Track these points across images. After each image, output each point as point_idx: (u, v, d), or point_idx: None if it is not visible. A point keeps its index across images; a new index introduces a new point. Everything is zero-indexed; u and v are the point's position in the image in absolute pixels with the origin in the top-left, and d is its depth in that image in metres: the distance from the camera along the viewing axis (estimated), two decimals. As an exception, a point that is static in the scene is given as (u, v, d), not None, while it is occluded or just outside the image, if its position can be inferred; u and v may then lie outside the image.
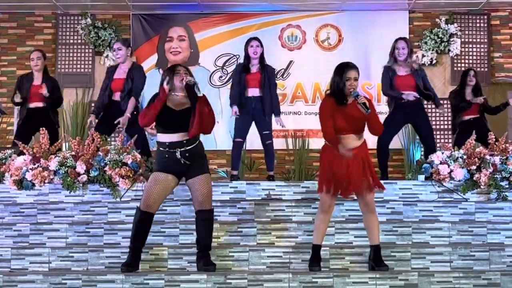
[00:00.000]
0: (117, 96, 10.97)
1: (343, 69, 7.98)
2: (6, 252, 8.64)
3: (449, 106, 13.22)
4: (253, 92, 11.18)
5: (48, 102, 11.44)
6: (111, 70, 11.36)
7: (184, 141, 8.02)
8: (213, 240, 8.44)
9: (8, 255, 8.62)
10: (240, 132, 11.29)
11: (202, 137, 8.28)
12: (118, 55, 11.18)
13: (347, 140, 7.95)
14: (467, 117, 12.02)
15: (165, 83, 8.04)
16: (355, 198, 8.23)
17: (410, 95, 10.64)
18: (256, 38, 11.46)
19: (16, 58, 16.12)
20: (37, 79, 11.53)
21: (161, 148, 8.08)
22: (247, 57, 11.33)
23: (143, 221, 8.04)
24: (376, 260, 8.13)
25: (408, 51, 10.95)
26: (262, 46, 11.36)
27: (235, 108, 11.16)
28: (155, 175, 8.07)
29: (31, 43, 15.99)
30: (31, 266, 8.51)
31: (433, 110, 15.23)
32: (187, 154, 8.01)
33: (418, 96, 10.77)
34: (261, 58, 11.33)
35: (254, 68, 11.28)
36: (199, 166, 8.12)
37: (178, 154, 7.99)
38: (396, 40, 11.04)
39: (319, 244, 8.19)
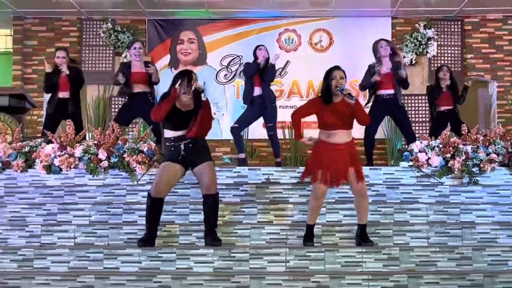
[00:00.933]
0: (138, 88, 10.95)
1: (329, 72, 8.06)
2: (37, 228, 8.64)
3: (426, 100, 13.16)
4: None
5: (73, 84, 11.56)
6: (127, 65, 11.34)
7: (188, 138, 8.12)
8: (219, 218, 8.46)
9: (39, 231, 8.61)
10: (242, 120, 11.41)
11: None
12: (138, 53, 11.18)
13: (337, 135, 7.97)
14: (442, 108, 11.95)
15: (179, 86, 8.05)
16: (344, 183, 8.24)
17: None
18: (261, 45, 11.58)
19: (46, 58, 16.07)
20: (64, 72, 11.55)
21: (167, 143, 8.16)
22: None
23: (154, 206, 8.11)
24: (362, 237, 8.16)
25: (390, 47, 10.91)
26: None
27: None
28: (164, 165, 8.13)
29: (59, 44, 15.92)
30: (59, 241, 8.51)
31: (413, 104, 15.31)
32: (190, 145, 8.08)
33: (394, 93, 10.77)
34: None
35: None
36: (203, 156, 8.17)
37: (182, 146, 8.05)
38: (376, 42, 11.02)
39: (312, 224, 8.20)
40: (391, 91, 10.75)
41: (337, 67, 8.10)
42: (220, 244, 8.07)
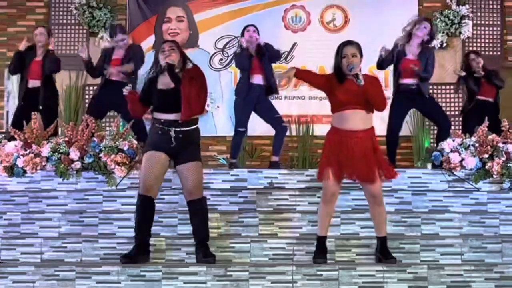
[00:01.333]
0: (114, 76, 11.01)
1: (340, 48, 8.08)
2: (-4, 242, 8.67)
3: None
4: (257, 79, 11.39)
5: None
6: (109, 52, 11.40)
7: (180, 121, 8.05)
8: (213, 230, 8.51)
9: (-2, 246, 8.64)
10: (243, 120, 11.50)
11: (202, 122, 8.30)
12: (124, 45, 11.30)
13: (352, 117, 7.90)
14: (482, 98, 11.98)
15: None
16: (360, 186, 8.24)
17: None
18: (251, 25, 11.72)
19: (7, 39, 16.11)
20: (39, 56, 11.58)
21: (156, 124, 8.11)
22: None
23: (145, 207, 8.07)
24: (383, 252, 8.14)
25: (429, 32, 10.92)
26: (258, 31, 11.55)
27: None
28: (149, 155, 8.07)
29: (23, 23, 15.98)
30: (22, 257, 8.51)
31: (444, 95, 15.33)
32: (180, 135, 8.03)
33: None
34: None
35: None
36: (190, 152, 8.11)
37: (172, 133, 8.00)
38: (420, 20, 11.07)
39: (324, 236, 8.19)
40: (415, 81, 10.75)
41: (349, 42, 8.13)
42: (214, 260, 8.04)
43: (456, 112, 15.59)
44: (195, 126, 8.19)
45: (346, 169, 7.93)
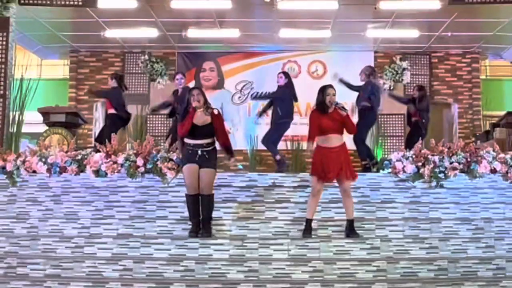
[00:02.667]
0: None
1: (323, 89, 8.26)
2: (87, 221, 8.62)
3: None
4: None
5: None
6: (175, 92, 11.46)
7: (204, 144, 8.23)
8: (233, 215, 8.58)
9: (88, 224, 8.59)
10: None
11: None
12: (180, 83, 11.31)
13: (331, 139, 8.11)
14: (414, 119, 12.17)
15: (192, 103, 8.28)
16: (337, 185, 8.21)
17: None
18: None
19: (95, 83, 16.13)
20: None
21: (188, 147, 8.27)
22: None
23: (192, 202, 8.15)
24: (350, 230, 8.12)
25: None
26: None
27: None
28: (187, 168, 8.20)
29: (106, 72, 15.99)
30: (104, 232, 8.47)
31: (392, 121, 15.34)
32: (204, 153, 8.18)
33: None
34: None
35: None
36: (209, 163, 8.20)
37: (199, 152, 8.17)
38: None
39: (311, 218, 8.14)
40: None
41: (330, 85, 8.36)
42: (209, 236, 8.04)
43: (399, 133, 15.57)
44: (213, 147, 8.34)
45: (328, 172, 8.00)
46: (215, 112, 8.33)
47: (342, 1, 12.63)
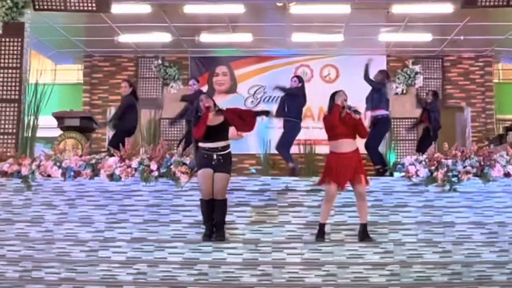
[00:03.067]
0: None
1: (334, 95, 8.26)
2: (101, 225, 8.64)
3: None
4: None
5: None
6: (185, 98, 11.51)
7: (219, 148, 8.20)
8: (247, 219, 8.57)
9: (103, 228, 8.61)
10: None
11: (239, 143, 8.37)
12: (193, 88, 11.34)
13: (344, 144, 8.08)
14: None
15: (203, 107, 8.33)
16: (349, 189, 8.20)
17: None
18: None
19: (108, 87, 16.18)
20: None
21: (202, 151, 8.23)
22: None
23: (206, 206, 8.13)
24: (363, 234, 8.08)
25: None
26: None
27: None
28: (201, 173, 8.19)
29: (119, 77, 16.07)
30: (119, 236, 8.48)
31: (404, 125, 15.30)
32: (220, 157, 8.14)
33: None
34: None
35: None
36: (224, 167, 8.17)
37: (214, 156, 8.13)
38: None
39: (324, 223, 8.13)
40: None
41: (342, 91, 8.32)
42: (222, 240, 8.04)
43: (412, 137, 15.53)
44: (228, 151, 8.31)
45: (342, 176, 7.98)
46: (224, 109, 8.40)
47: (354, 5, 12.64)
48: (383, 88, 11.01)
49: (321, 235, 8.09)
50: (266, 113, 9.15)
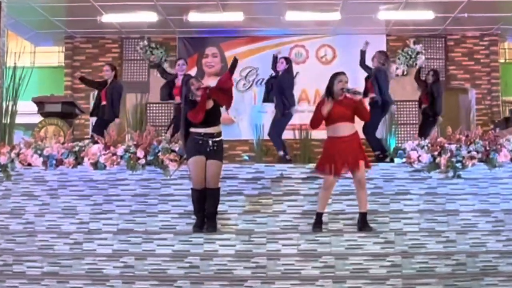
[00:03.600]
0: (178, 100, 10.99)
1: (335, 76, 8.24)
2: (85, 216, 8.67)
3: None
4: None
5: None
6: (172, 80, 11.39)
7: (215, 134, 8.21)
8: (240, 208, 8.59)
9: (87, 219, 8.64)
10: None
11: (230, 128, 8.43)
12: (182, 69, 11.25)
13: (342, 127, 8.09)
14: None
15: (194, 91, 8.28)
16: (348, 176, 8.23)
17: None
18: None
19: (92, 70, 16.11)
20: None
21: (196, 137, 8.18)
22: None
23: (198, 196, 8.14)
24: (363, 223, 8.12)
25: None
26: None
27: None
28: (194, 160, 8.16)
29: (102, 59, 16.03)
30: (104, 227, 8.52)
31: (405, 108, 15.37)
32: (215, 144, 8.15)
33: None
34: None
35: None
36: (217, 154, 8.19)
37: (210, 142, 8.12)
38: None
39: (322, 212, 8.17)
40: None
41: (342, 72, 8.30)
42: (214, 231, 8.05)
43: (414, 121, 15.57)
44: (221, 138, 8.32)
45: (340, 162, 7.98)
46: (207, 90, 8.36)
47: (352, -19, 12.63)
48: (381, 72, 10.99)
49: (318, 225, 8.13)
50: (235, 61, 9.00)
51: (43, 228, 8.60)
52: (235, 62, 8.84)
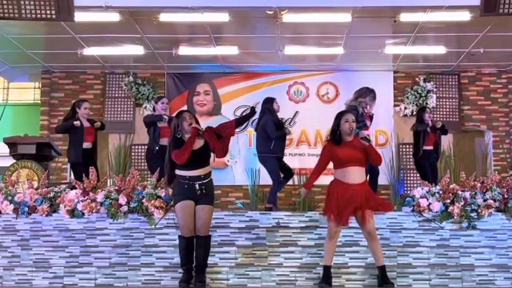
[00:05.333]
0: (165, 142, 10.98)
1: (341, 115, 8.19)
2: (60, 270, 8.64)
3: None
4: None
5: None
6: (157, 119, 11.41)
7: (202, 176, 8.15)
8: (231, 261, 8.46)
9: (62, 273, 8.60)
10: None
11: (222, 173, 8.37)
12: (165, 107, 11.29)
13: (352, 173, 8.02)
14: (427, 148, 12.14)
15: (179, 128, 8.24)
16: (353, 225, 8.18)
17: None
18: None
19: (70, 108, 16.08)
20: (86, 123, 11.49)
21: (181, 180, 8.14)
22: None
23: (186, 245, 8.08)
24: (382, 278, 8.09)
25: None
26: None
27: None
28: (181, 206, 8.11)
29: (83, 96, 16.00)
30: (80, 282, 8.48)
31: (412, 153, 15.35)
32: (203, 187, 8.09)
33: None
34: None
35: None
36: (207, 198, 8.15)
37: (197, 186, 8.07)
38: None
39: (329, 265, 8.10)
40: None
41: (348, 111, 8.37)
42: (203, 286, 7.98)
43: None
44: (210, 178, 8.29)
45: (346, 211, 7.91)
46: (202, 132, 8.31)
47: (356, 13, 12.66)
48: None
49: (326, 280, 8.06)
50: (252, 111, 9.04)
51: (12, 283, 8.58)
52: (252, 112, 8.85)
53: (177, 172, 8.20)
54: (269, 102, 11.42)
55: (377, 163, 8.35)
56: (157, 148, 11.25)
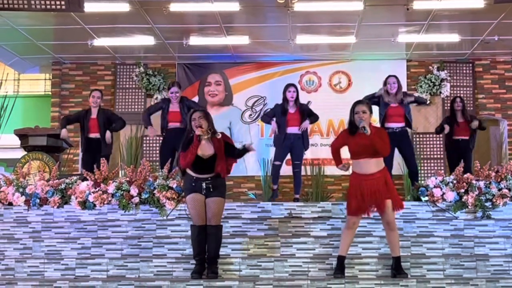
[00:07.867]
0: (173, 125, 10.99)
1: (353, 106, 8.16)
2: (72, 262, 8.60)
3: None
4: (292, 130, 11.06)
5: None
6: (166, 103, 11.40)
7: (209, 178, 8.12)
8: (243, 252, 8.46)
9: (73, 265, 8.57)
10: (279, 157, 11.20)
11: (236, 165, 8.45)
12: (176, 96, 11.23)
13: (366, 164, 7.99)
14: (457, 137, 11.98)
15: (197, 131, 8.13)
16: (366, 216, 8.18)
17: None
18: (293, 84, 11.38)
19: (82, 100, 16.16)
20: (94, 114, 11.46)
21: (189, 178, 8.16)
22: (285, 100, 11.18)
23: (198, 234, 8.05)
24: (397, 269, 8.05)
25: (397, 85, 10.82)
26: (297, 91, 11.25)
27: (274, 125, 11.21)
28: (191, 198, 8.11)
29: (94, 87, 15.98)
30: (92, 274, 8.46)
31: (429, 142, 15.27)
32: (210, 185, 8.07)
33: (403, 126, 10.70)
34: (297, 100, 11.21)
35: (292, 109, 11.14)
36: (217, 191, 8.11)
37: (204, 185, 8.06)
38: (388, 77, 10.96)
39: (344, 255, 8.09)
40: (401, 124, 10.68)
41: (360, 101, 8.30)
42: (215, 277, 7.97)
43: (438, 155, 15.52)
44: (220, 177, 8.22)
45: (365, 202, 7.91)
46: (218, 136, 8.20)
47: (368, 1, 12.65)
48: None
49: (340, 270, 8.04)
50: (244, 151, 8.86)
51: (24, 275, 8.56)
52: (244, 151, 8.65)
53: (187, 170, 8.22)
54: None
55: (382, 153, 8.26)
56: (163, 134, 11.30)
